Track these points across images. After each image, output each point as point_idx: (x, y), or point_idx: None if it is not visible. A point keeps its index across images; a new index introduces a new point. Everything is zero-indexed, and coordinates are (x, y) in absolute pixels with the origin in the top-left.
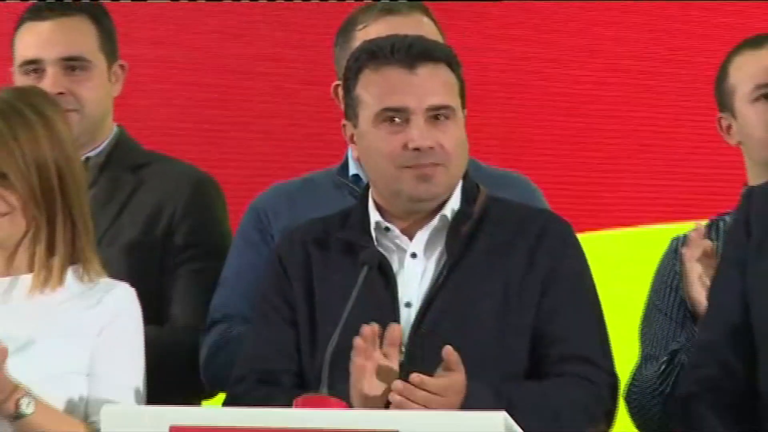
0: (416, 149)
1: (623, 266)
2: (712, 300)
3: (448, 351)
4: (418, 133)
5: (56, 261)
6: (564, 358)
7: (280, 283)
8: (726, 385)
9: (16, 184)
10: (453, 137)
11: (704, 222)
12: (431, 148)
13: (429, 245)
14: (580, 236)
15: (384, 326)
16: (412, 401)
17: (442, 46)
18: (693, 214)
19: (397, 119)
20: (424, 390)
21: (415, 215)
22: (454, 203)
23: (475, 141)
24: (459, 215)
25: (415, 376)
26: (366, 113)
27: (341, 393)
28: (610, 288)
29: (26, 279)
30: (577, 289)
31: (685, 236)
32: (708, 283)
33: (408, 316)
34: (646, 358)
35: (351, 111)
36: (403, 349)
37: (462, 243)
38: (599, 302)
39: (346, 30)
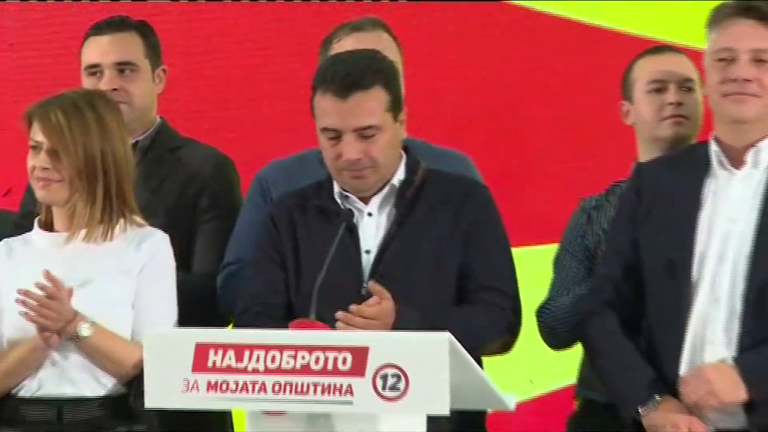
0: (355, 160)
1: None
2: (609, 243)
3: (372, 285)
4: (348, 148)
5: (106, 218)
6: (480, 288)
7: (272, 238)
8: (620, 307)
9: (65, 160)
10: (379, 146)
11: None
12: (359, 159)
13: (381, 207)
14: None
15: (352, 268)
16: (353, 325)
17: (375, 71)
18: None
19: (332, 135)
20: (361, 316)
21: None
22: (400, 175)
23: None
24: (404, 184)
25: (352, 306)
26: (317, 123)
27: (325, 319)
28: None
29: (83, 232)
30: (491, 237)
31: (593, 198)
32: None
33: (367, 260)
34: (558, 290)
35: (314, 115)
36: (365, 285)
37: (406, 204)
38: (508, 246)
39: (327, 42)
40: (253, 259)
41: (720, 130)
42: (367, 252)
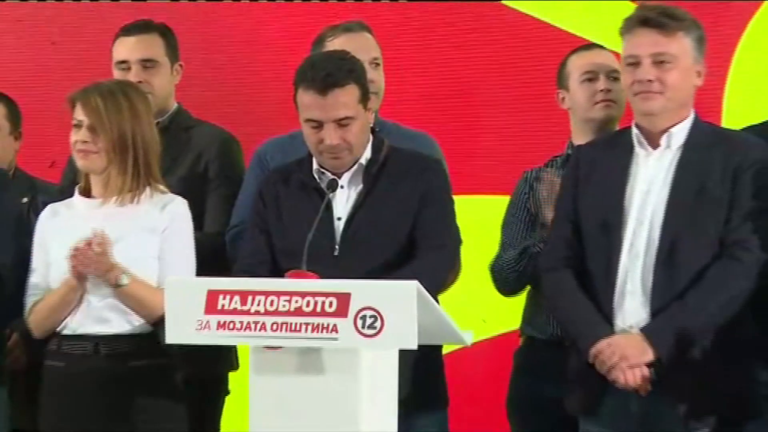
0: (331, 146)
1: None
2: (558, 210)
3: None
4: (329, 135)
5: (134, 185)
6: (425, 237)
7: (259, 210)
8: (572, 262)
9: (101, 135)
10: (353, 132)
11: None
12: (337, 144)
13: (351, 181)
14: None
15: (326, 232)
16: None
17: (348, 69)
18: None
19: (314, 125)
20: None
21: None
22: (367, 154)
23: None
24: (370, 162)
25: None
26: (300, 114)
27: (313, 270)
28: None
29: (115, 198)
30: (436, 197)
31: (534, 171)
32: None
33: (338, 225)
34: (505, 247)
35: (297, 108)
36: (337, 246)
37: (371, 179)
38: (454, 209)
39: (320, 40)
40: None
41: (637, 118)
42: (339, 219)
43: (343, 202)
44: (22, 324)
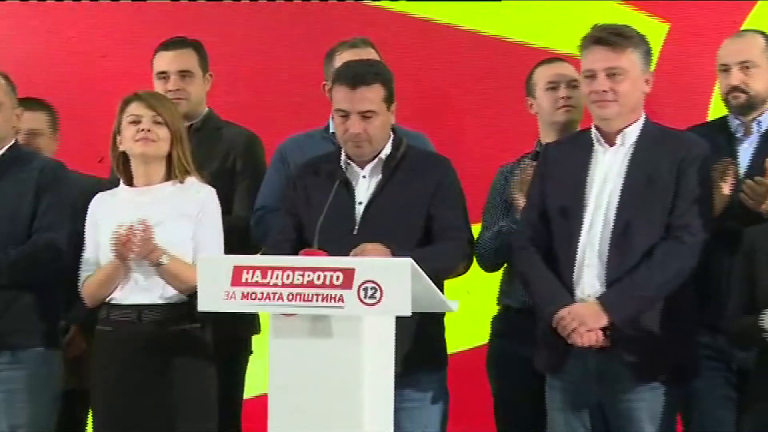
0: (355, 134)
1: None
2: (529, 197)
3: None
4: (353, 125)
5: (173, 175)
6: (442, 229)
7: (290, 196)
8: (540, 242)
9: (163, 127)
10: (374, 125)
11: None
12: (359, 133)
13: (372, 172)
14: None
15: (348, 214)
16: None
17: (375, 72)
18: None
19: (342, 114)
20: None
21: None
22: (387, 150)
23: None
24: (389, 157)
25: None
26: (333, 106)
27: (326, 249)
28: None
29: (158, 184)
30: (451, 195)
31: (509, 165)
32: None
33: (359, 210)
34: (484, 229)
35: (331, 101)
36: (356, 227)
37: (390, 171)
38: (464, 201)
39: (331, 53)
40: (272, 208)
41: (596, 121)
42: (360, 204)
43: (364, 190)
44: (80, 314)
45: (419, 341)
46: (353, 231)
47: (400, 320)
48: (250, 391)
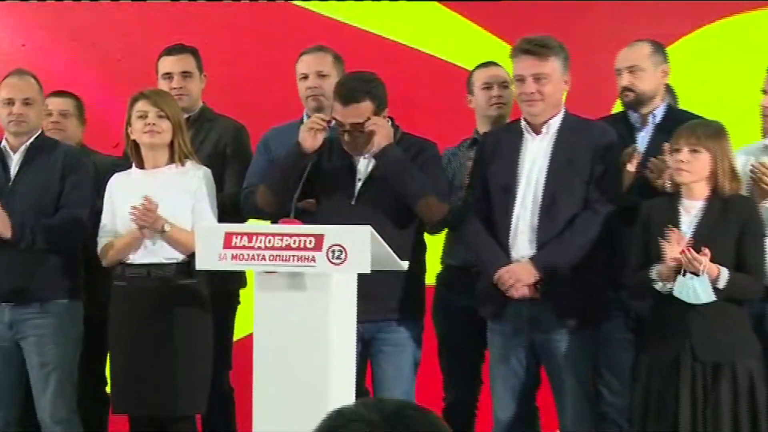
0: (347, 142)
1: None
2: (471, 177)
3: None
4: (344, 135)
5: (176, 159)
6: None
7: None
8: (482, 214)
9: (166, 120)
10: (364, 133)
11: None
12: (350, 141)
13: (370, 155)
14: None
15: (348, 188)
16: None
17: (365, 90)
18: None
19: (340, 124)
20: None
21: None
22: None
23: None
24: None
25: None
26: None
27: (300, 218)
28: None
29: (163, 167)
30: (433, 168)
31: (452, 149)
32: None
33: (358, 185)
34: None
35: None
36: (354, 196)
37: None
38: (446, 175)
39: (300, 56)
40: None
41: (524, 115)
42: (359, 180)
43: (365, 166)
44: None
45: (400, 296)
46: (351, 202)
47: (385, 278)
48: (238, 333)
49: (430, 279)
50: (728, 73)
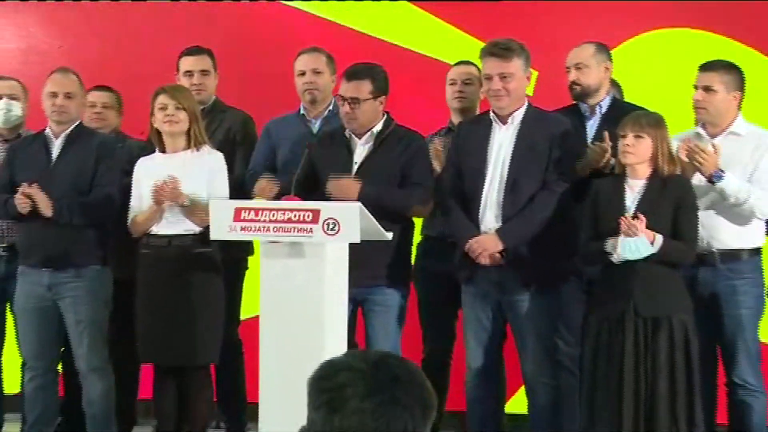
0: (346, 112)
1: None
2: (447, 161)
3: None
4: (346, 107)
5: (192, 144)
6: (414, 182)
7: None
8: (456, 193)
9: (183, 111)
10: (360, 110)
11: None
12: (347, 113)
13: (366, 141)
14: None
15: (347, 171)
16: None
17: (367, 73)
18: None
19: (341, 100)
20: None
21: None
22: (378, 126)
23: None
24: (380, 131)
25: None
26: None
27: (301, 195)
28: None
29: (181, 153)
30: (420, 160)
31: (429, 137)
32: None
33: (355, 168)
34: None
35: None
36: (353, 175)
37: (379, 142)
38: (431, 164)
39: (297, 56)
40: (261, 167)
41: (492, 108)
42: (356, 163)
43: (360, 153)
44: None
45: (388, 265)
46: None
47: (376, 249)
48: (246, 312)
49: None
50: (667, 71)
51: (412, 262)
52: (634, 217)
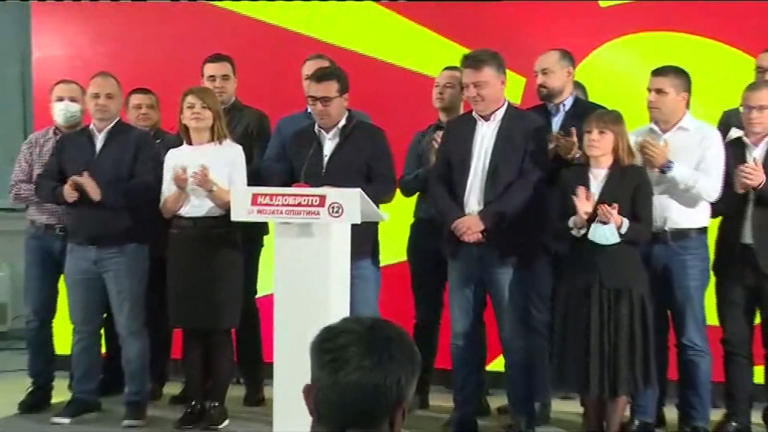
0: (317, 111)
1: None
2: (438, 153)
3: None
4: (318, 106)
5: (215, 137)
6: (378, 174)
7: (280, 150)
8: (444, 181)
9: (208, 110)
10: (331, 107)
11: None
12: (320, 110)
13: (333, 136)
14: None
15: (318, 162)
16: None
17: (332, 72)
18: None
19: (312, 100)
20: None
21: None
22: (343, 121)
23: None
24: (344, 127)
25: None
26: (306, 92)
27: (311, 182)
28: None
29: (206, 145)
30: (383, 153)
31: (420, 133)
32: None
33: (325, 159)
34: (405, 172)
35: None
36: (323, 169)
37: (345, 135)
38: (392, 157)
39: (305, 62)
40: (274, 159)
41: (476, 109)
42: (326, 155)
43: (329, 147)
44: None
45: (361, 242)
46: (322, 172)
47: (352, 229)
48: (264, 290)
49: (404, 229)
50: (625, 76)
51: (401, 239)
52: (603, 202)
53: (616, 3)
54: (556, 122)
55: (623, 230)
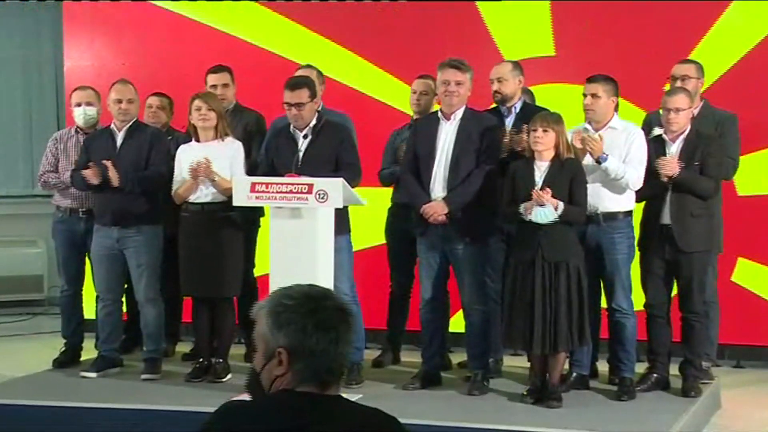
0: (292, 115)
1: None
2: (407, 148)
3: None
4: (293, 111)
5: (219, 135)
6: (345, 164)
7: (270, 145)
8: (413, 170)
9: (212, 112)
10: (305, 110)
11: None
12: (295, 115)
13: (306, 134)
14: None
15: (292, 158)
16: None
17: (304, 83)
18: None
19: (288, 106)
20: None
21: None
22: (314, 121)
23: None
24: (314, 126)
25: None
26: (285, 99)
27: (297, 173)
28: None
29: (212, 142)
30: (347, 144)
31: (397, 131)
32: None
33: (299, 154)
34: (383, 166)
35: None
36: (298, 165)
37: (315, 133)
38: (356, 149)
39: (297, 71)
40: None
41: (442, 107)
42: (300, 151)
43: (303, 144)
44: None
45: (337, 222)
46: (298, 165)
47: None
48: (260, 270)
49: (382, 211)
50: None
51: (379, 220)
52: (542, 188)
53: None
54: (509, 123)
55: (559, 211)
